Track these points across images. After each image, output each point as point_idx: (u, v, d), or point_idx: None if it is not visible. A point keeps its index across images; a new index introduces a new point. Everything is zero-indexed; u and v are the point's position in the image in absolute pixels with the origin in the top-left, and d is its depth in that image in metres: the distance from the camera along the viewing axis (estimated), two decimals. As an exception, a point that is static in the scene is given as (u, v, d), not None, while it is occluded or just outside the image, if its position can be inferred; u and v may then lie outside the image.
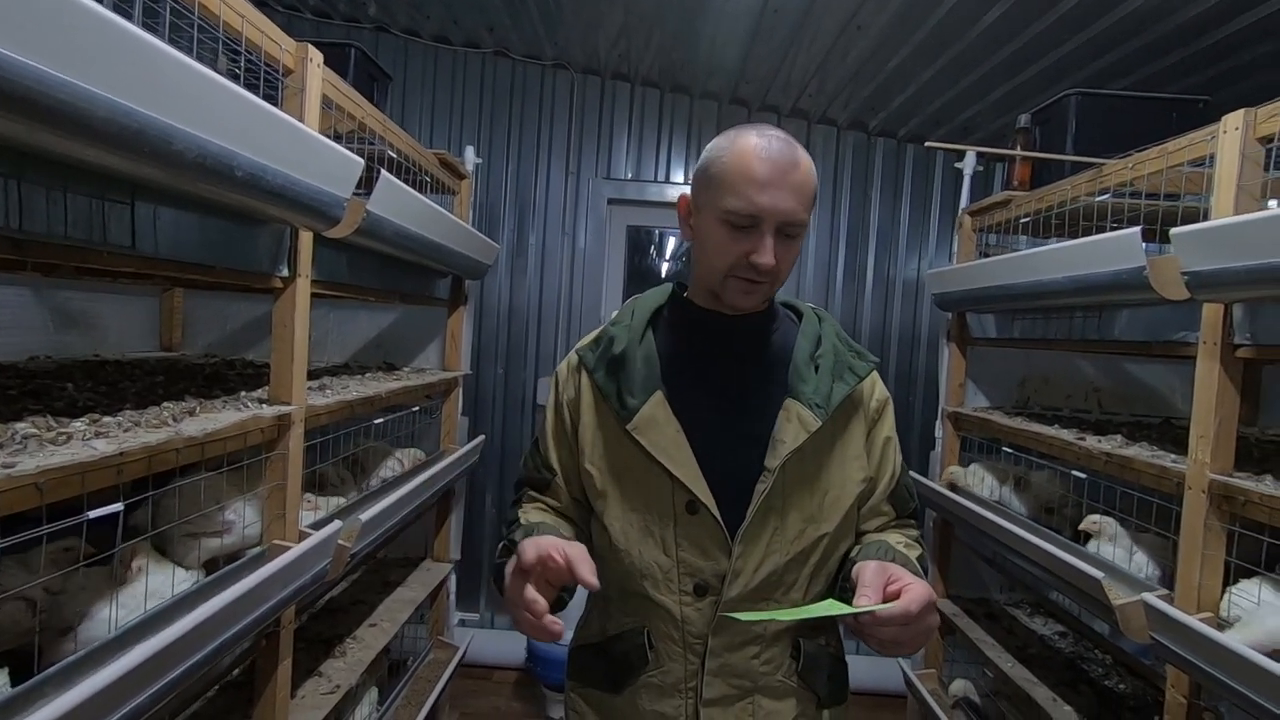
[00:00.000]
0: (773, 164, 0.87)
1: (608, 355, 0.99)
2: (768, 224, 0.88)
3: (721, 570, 0.92)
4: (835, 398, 0.96)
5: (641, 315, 1.02)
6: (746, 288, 0.93)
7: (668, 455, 0.92)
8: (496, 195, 3.29)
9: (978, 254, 2.37)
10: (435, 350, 2.57)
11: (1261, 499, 1.22)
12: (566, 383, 1.06)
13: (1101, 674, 1.99)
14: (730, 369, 1.00)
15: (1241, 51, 2.11)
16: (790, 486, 0.94)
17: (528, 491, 1.09)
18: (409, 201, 1.64)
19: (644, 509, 0.95)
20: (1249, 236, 1.17)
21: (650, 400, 0.94)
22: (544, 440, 1.08)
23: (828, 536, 0.96)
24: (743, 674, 0.94)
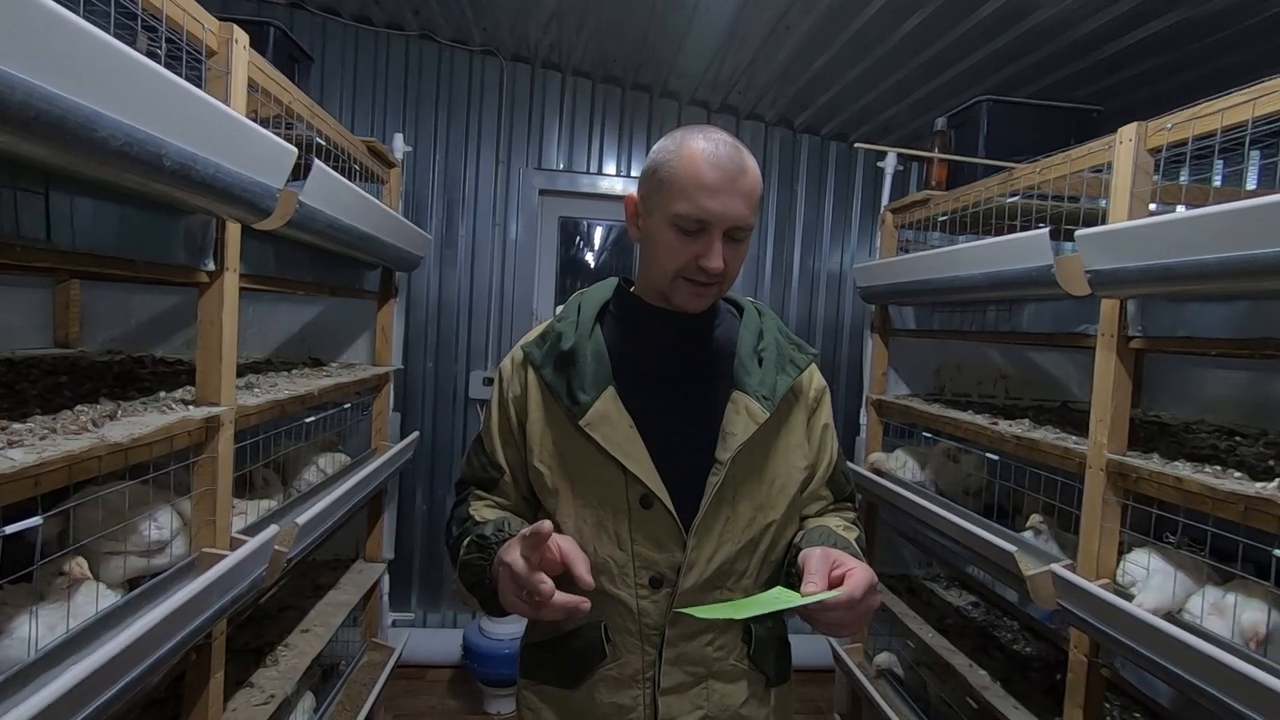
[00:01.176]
0: (721, 170, 0.89)
1: (555, 351, 0.99)
2: (717, 228, 0.90)
3: (676, 562, 0.94)
4: (780, 389, 0.99)
5: (589, 311, 1.02)
6: (696, 290, 0.94)
7: (622, 450, 0.93)
8: (424, 184, 3.19)
9: (899, 250, 2.50)
10: (364, 344, 2.49)
11: (1151, 474, 1.35)
12: (512, 379, 1.05)
13: (1010, 639, 2.16)
14: (678, 363, 1.01)
15: (1131, 65, 2.30)
16: (740, 477, 0.96)
17: (474, 491, 1.07)
18: (342, 192, 1.58)
19: (597, 504, 0.96)
20: (1142, 240, 1.29)
21: (602, 396, 0.95)
22: (489, 438, 1.06)
23: (775, 524, 0.99)
24: (698, 661, 0.97)
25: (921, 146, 2.51)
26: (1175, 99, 1.42)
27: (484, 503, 1.06)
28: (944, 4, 2.17)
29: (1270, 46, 2.04)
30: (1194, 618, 1.30)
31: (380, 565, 2.49)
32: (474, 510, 1.04)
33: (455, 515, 1.06)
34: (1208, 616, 1.28)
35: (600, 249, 3.58)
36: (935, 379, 2.62)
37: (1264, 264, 1.05)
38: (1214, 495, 1.21)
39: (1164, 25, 2.06)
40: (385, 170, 2.34)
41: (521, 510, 1.07)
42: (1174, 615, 1.31)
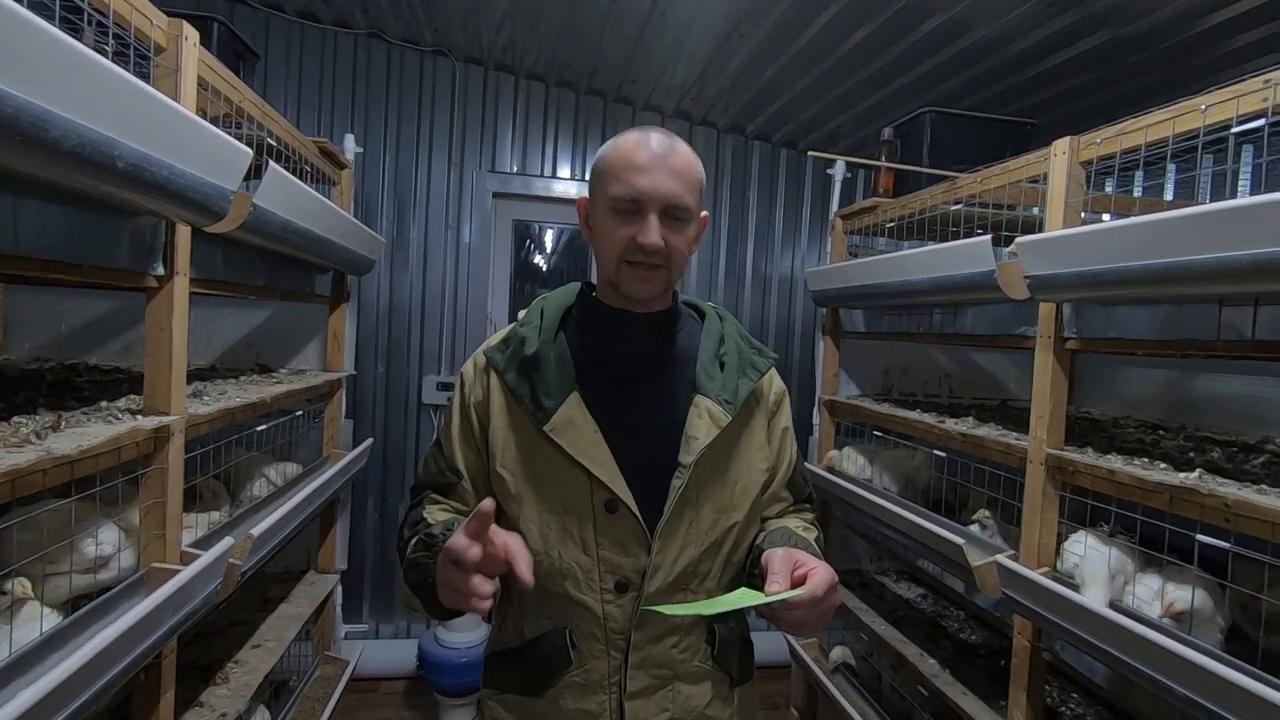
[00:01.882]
0: (649, 150, 0.92)
1: (519, 356, 0.99)
2: (651, 206, 0.91)
3: (642, 566, 0.94)
4: (741, 393, 1.00)
5: (552, 315, 1.02)
6: (642, 274, 0.94)
7: (587, 455, 0.93)
8: (374, 186, 3.13)
9: (848, 255, 2.58)
10: (314, 350, 2.42)
11: (1086, 467, 1.44)
12: (474, 384, 1.04)
13: (958, 628, 2.25)
14: (641, 367, 1.02)
15: (1062, 81, 2.44)
16: (703, 480, 0.97)
17: (429, 495, 1.06)
18: (297, 194, 1.54)
19: (562, 510, 0.95)
20: (1076, 247, 1.37)
21: (567, 401, 0.95)
22: (448, 442, 1.05)
23: (738, 525, 1.00)
24: (663, 664, 0.97)
25: (868, 155, 2.60)
26: (1102, 114, 1.52)
27: (439, 506, 1.04)
28: (888, 19, 2.26)
29: (1187, 66, 2.20)
30: (1130, 601, 1.39)
31: (333, 576, 2.42)
32: (427, 513, 1.02)
33: (408, 519, 1.05)
34: (1138, 599, 1.37)
35: (554, 252, 3.57)
36: (884, 379, 2.72)
37: (1183, 271, 1.14)
38: (1143, 485, 1.30)
39: (1091, 44, 2.19)
40: (336, 171, 2.29)
41: None
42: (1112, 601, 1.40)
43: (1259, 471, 1.34)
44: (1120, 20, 2.05)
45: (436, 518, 1.00)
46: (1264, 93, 1.12)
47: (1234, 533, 1.15)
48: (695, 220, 0.97)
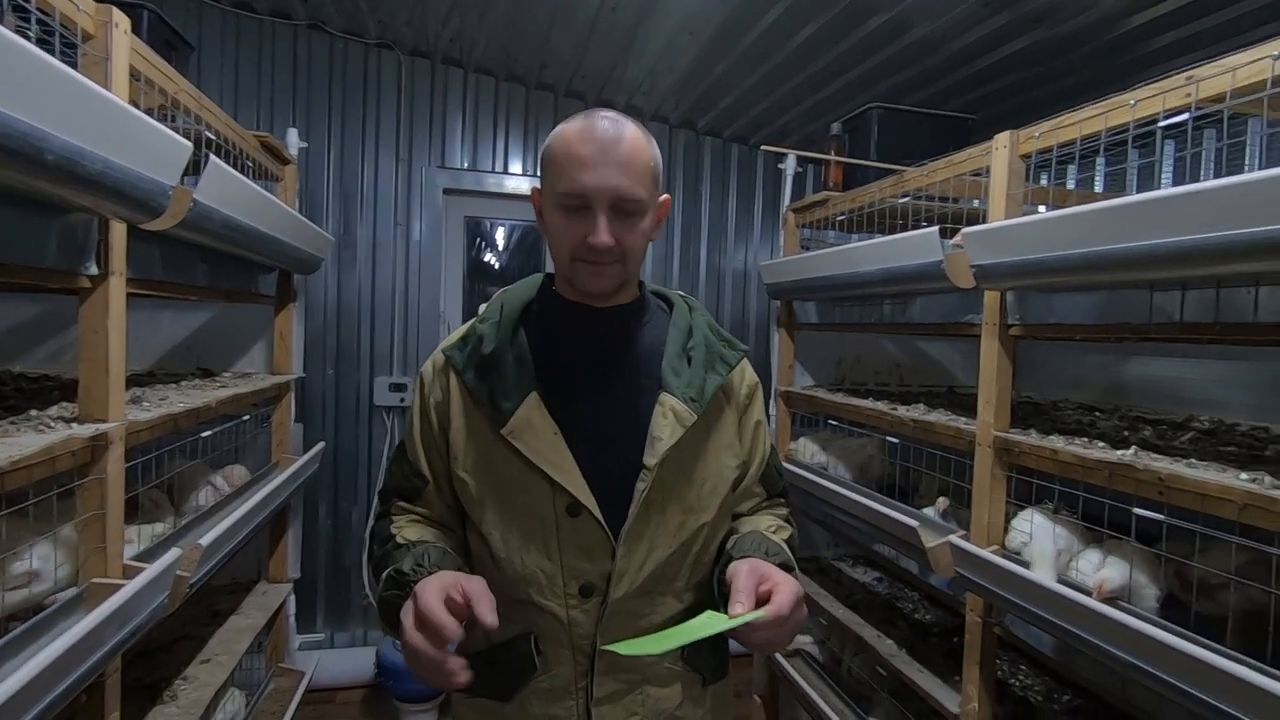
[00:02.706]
0: (595, 142, 0.86)
1: (477, 355, 0.95)
2: (599, 203, 0.87)
3: (606, 571, 0.91)
4: (709, 390, 0.96)
5: (511, 311, 0.98)
6: (594, 270, 0.91)
7: (546, 460, 0.90)
8: (319, 182, 3.03)
9: (800, 248, 2.63)
10: (260, 352, 2.34)
11: (1031, 448, 1.50)
12: (433, 384, 1.00)
13: (912, 609, 2.32)
14: (603, 364, 0.98)
15: (999, 78, 2.54)
16: (669, 481, 0.93)
17: (396, 503, 1.03)
18: (240, 189, 1.48)
19: (524, 515, 0.92)
20: (1018, 237, 1.43)
21: (525, 403, 0.91)
22: (412, 446, 1.02)
23: (707, 526, 0.97)
24: (631, 668, 0.94)
25: (818, 150, 2.65)
26: (1037, 110, 1.59)
27: (407, 517, 1.01)
28: (832, 18, 2.31)
29: (1114, 65, 2.31)
30: (1074, 576, 1.45)
31: (285, 586, 2.35)
32: (396, 528, 0.98)
33: (377, 531, 1.02)
34: (1080, 573, 1.44)
35: (508, 249, 3.53)
36: (837, 370, 2.78)
37: (1116, 257, 1.19)
38: (1084, 463, 1.36)
39: (1025, 43, 2.28)
40: (280, 167, 2.21)
41: (447, 520, 1.03)
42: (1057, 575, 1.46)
43: (1187, 447, 1.43)
44: (1052, 20, 2.14)
45: (406, 534, 0.96)
46: (1187, 89, 1.19)
47: (1167, 505, 1.22)
48: (650, 210, 0.92)
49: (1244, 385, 1.83)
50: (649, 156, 0.91)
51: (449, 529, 1.02)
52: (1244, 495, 1.08)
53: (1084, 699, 1.80)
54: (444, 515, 1.02)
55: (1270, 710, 0.95)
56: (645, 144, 0.91)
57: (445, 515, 1.02)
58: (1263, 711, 0.97)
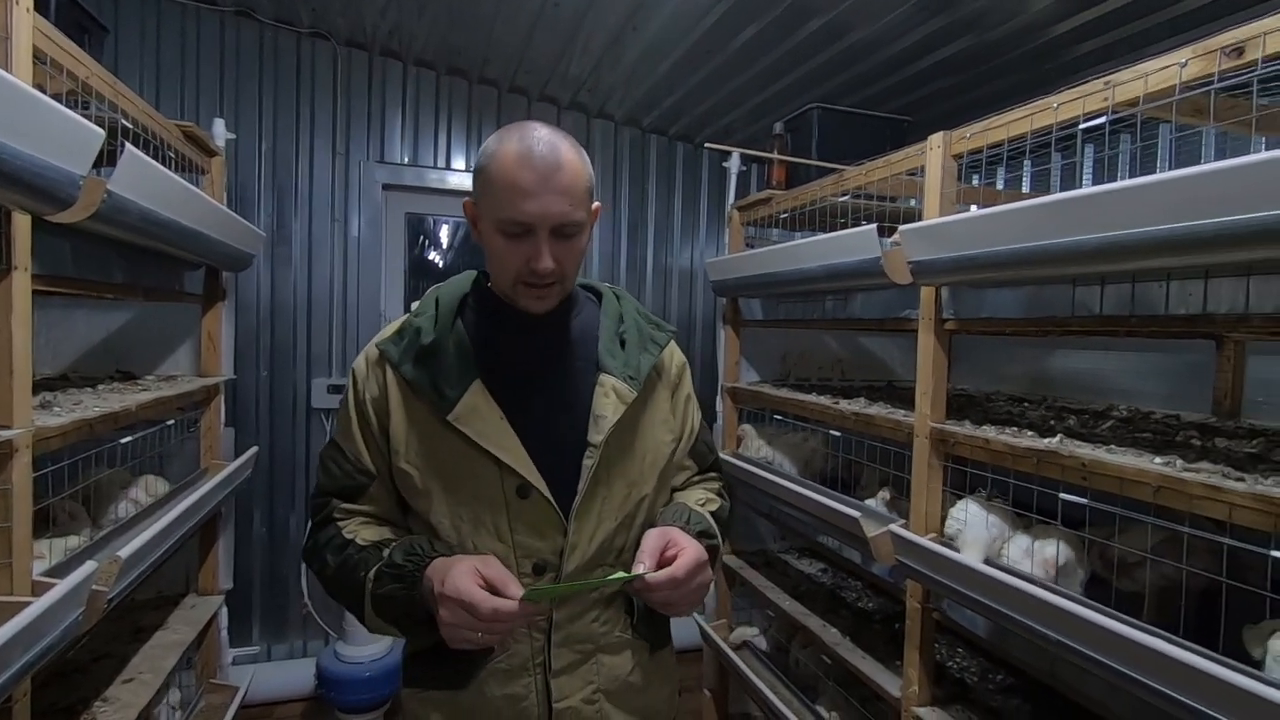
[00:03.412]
0: (534, 171, 0.88)
1: (415, 347, 0.97)
2: (541, 230, 0.90)
3: (558, 547, 0.96)
4: (644, 368, 1.03)
5: (448, 304, 1.02)
6: (536, 294, 0.95)
7: (494, 442, 0.93)
8: (250, 175, 2.91)
9: (745, 245, 2.66)
10: (186, 353, 2.22)
11: (965, 438, 1.55)
12: (367, 379, 1.01)
13: (856, 598, 2.38)
14: (542, 351, 1.03)
15: (934, 81, 2.62)
16: (613, 457, 0.99)
17: (337, 504, 1.01)
18: (160, 180, 1.40)
19: (472, 499, 0.95)
20: (952, 234, 1.48)
21: (470, 389, 0.95)
22: (350, 443, 1.02)
23: (647, 498, 1.04)
24: (586, 638, 0.99)
25: (761, 149, 2.68)
26: (968, 113, 1.64)
27: (356, 519, 1.01)
28: (774, 19, 2.34)
29: (1039, 71, 2.42)
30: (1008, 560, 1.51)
31: (217, 598, 2.24)
32: (348, 531, 0.98)
33: (323, 538, 0.99)
34: (1011, 559, 1.50)
35: (451, 247, 3.46)
36: (781, 365, 2.82)
37: (1042, 253, 1.25)
38: (1014, 451, 1.42)
39: (958, 48, 2.36)
40: (205, 159, 2.10)
41: (394, 516, 1.04)
42: (990, 559, 1.52)
43: (1107, 434, 1.50)
44: (982, 27, 2.23)
45: (367, 537, 0.97)
46: (1104, 93, 1.25)
47: (1090, 489, 1.28)
48: (586, 227, 0.95)
49: (1157, 375, 1.95)
50: (585, 176, 0.94)
51: (397, 526, 1.04)
52: (1158, 478, 1.14)
53: (1016, 678, 1.88)
54: (390, 511, 1.03)
55: (1182, 678, 1.01)
56: (580, 164, 0.93)
57: (392, 511, 1.03)
58: (1175, 680, 1.02)
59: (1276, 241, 0.89)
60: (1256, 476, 1.08)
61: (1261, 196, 0.89)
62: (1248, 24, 1.03)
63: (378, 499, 1.02)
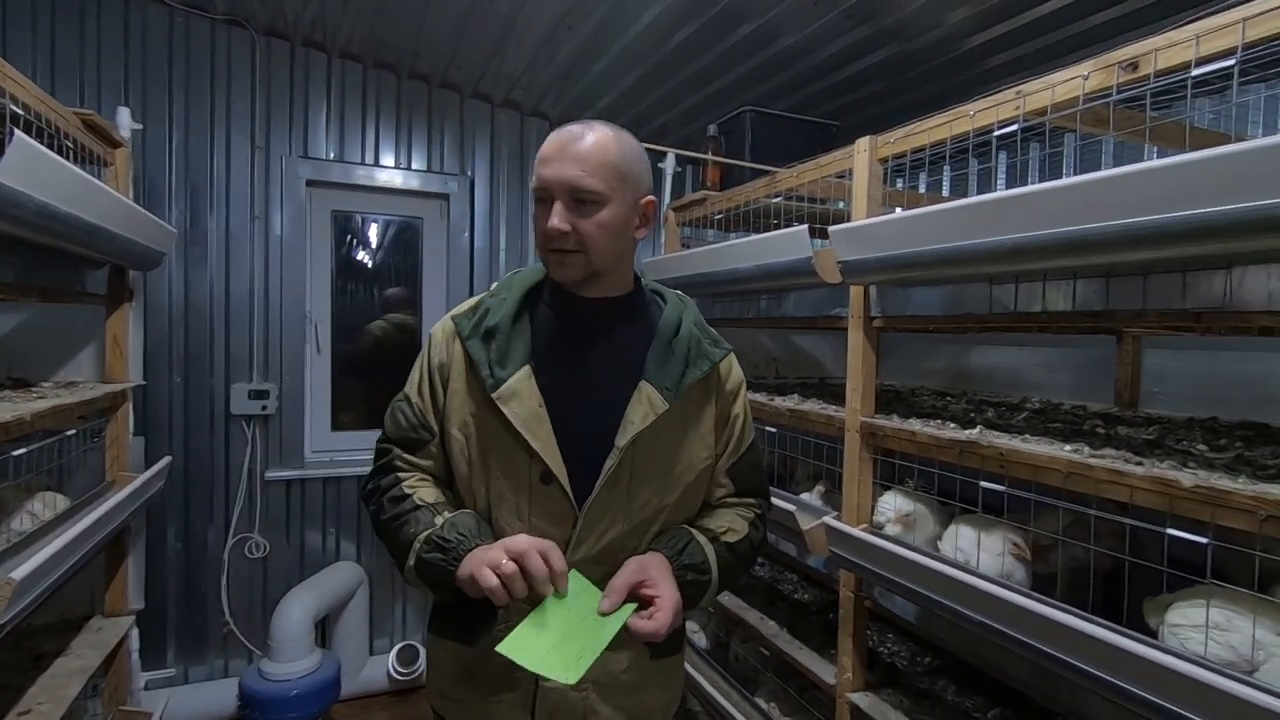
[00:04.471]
0: (557, 141, 0.96)
1: (482, 325, 1.03)
2: (556, 193, 0.95)
3: (567, 537, 1.00)
4: (686, 381, 1.04)
5: (519, 290, 1.07)
6: (557, 259, 0.99)
7: (527, 428, 0.98)
8: (159, 169, 2.74)
9: (681, 246, 2.68)
10: (89, 358, 2.07)
11: (894, 431, 1.61)
12: (441, 348, 1.08)
13: (792, 590, 2.44)
14: (595, 350, 1.06)
15: (860, 88, 2.71)
16: (639, 462, 1.02)
17: (398, 454, 1.08)
18: (56, 171, 1.30)
19: (502, 476, 1.01)
20: (880, 234, 1.53)
21: (518, 373, 1.00)
22: (420, 398, 1.08)
23: (669, 508, 1.06)
24: None
25: (695, 150, 2.71)
26: (892, 119, 1.70)
27: (416, 475, 1.07)
28: (706, 22, 2.37)
29: (957, 80, 2.54)
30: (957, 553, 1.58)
31: (126, 619, 2.09)
32: (410, 487, 1.04)
33: (385, 484, 1.06)
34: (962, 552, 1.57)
35: (381, 246, 3.35)
36: (718, 364, 2.86)
37: (963, 253, 1.31)
38: (938, 443, 1.48)
39: (882, 56, 2.46)
40: (109, 150, 1.97)
41: (445, 475, 1.10)
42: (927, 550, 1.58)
43: (1022, 425, 1.59)
44: (903, 37, 2.32)
45: (423, 497, 1.03)
46: (1016, 102, 1.32)
47: (1007, 477, 1.35)
48: (614, 203, 0.97)
49: (1065, 369, 2.07)
50: (613, 154, 0.97)
51: (444, 485, 1.10)
52: (1067, 464, 1.22)
53: (942, 659, 1.97)
54: (442, 471, 1.09)
55: (1091, 651, 1.08)
56: (613, 143, 0.98)
57: (443, 471, 1.09)
58: (1084, 653, 1.09)
59: (1170, 242, 0.96)
60: (1154, 461, 1.16)
61: (1162, 200, 0.96)
62: (1142, 40, 1.11)
63: (434, 455, 1.08)
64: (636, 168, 1.01)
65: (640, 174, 1.02)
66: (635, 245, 1.07)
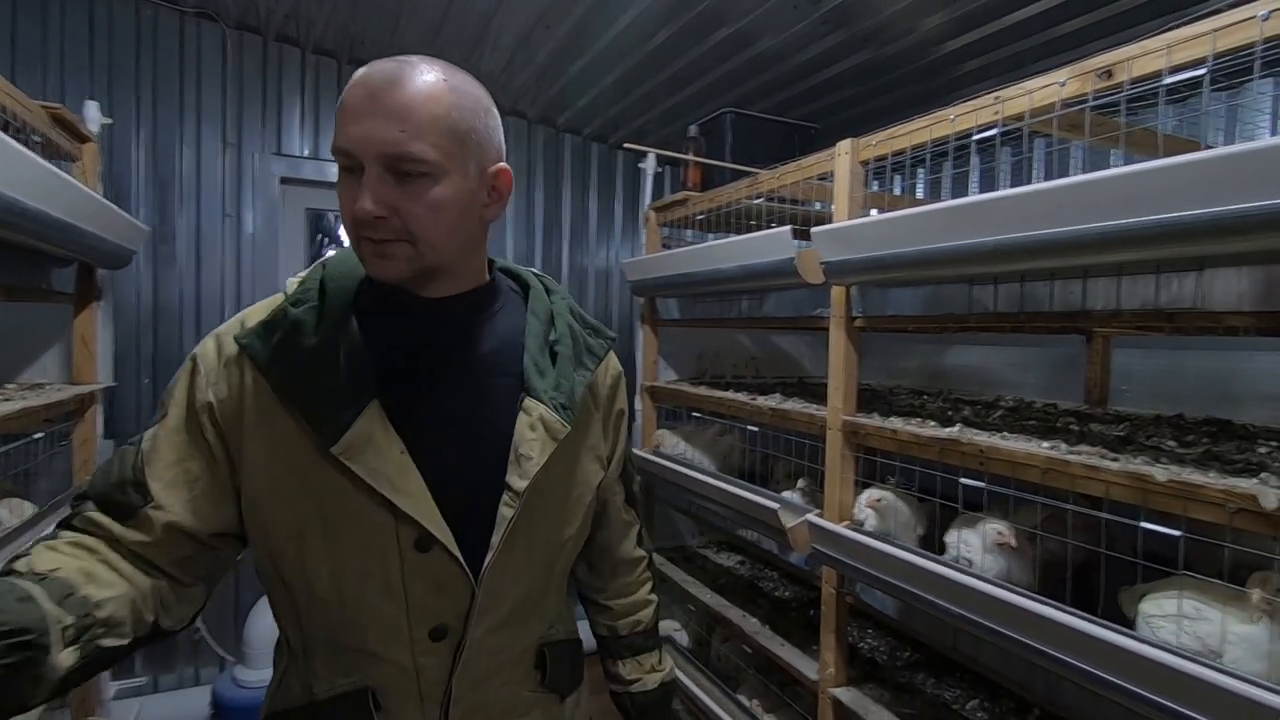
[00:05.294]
0: (365, 88, 0.69)
1: (294, 347, 0.74)
2: (366, 160, 0.69)
3: (463, 609, 0.78)
4: (579, 390, 0.85)
5: (339, 293, 0.78)
6: (374, 250, 0.72)
7: (391, 485, 0.73)
8: (125, 165, 2.66)
9: (661, 246, 2.69)
10: (55, 359, 2.00)
11: (875, 429, 1.64)
12: (216, 379, 0.76)
13: (773, 588, 2.46)
14: (451, 362, 0.81)
15: (838, 91, 2.75)
16: (534, 500, 0.80)
17: (90, 515, 0.72)
18: (24, 165, 1.26)
19: (357, 550, 0.75)
20: (861, 235, 1.56)
21: (364, 414, 0.73)
22: (151, 450, 0.75)
23: (570, 540, 0.89)
24: (489, 705, 0.83)
25: (674, 150, 2.73)
26: (868, 122, 1.74)
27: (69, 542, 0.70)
28: (685, 24, 2.38)
29: (931, 85, 2.59)
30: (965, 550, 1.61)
31: (95, 627, 2.03)
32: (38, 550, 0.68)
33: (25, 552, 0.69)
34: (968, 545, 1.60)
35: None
36: (698, 364, 2.88)
37: (944, 254, 1.34)
38: (919, 441, 1.51)
39: (857, 61, 2.49)
40: (76, 145, 1.91)
41: (162, 555, 0.74)
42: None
43: (999, 423, 1.63)
44: (878, 41, 2.36)
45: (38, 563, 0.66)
46: (995, 108, 1.36)
47: (986, 473, 1.38)
48: (452, 175, 0.72)
49: (1035, 368, 2.13)
50: (444, 107, 0.71)
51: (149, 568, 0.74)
52: (1045, 460, 1.25)
53: (921, 653, 2.00)
54: (160, 545, 0.73)
55: (1067, 640, 1.11)
56: (446, 92, 0.71)
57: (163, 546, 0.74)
58: (1059, 641, 1.13)
59: (1146, 243, 1.00)
60: (1127, 457, 1.20)
61: (1133, 204, 1.00)
62: (1116, 49, 1.14)
63: (145, 527, 0.72)
64: (481, 124, 0.75)
65: (487, 133, 0.76)
66: (486, 228, 0.82)
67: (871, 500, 1.64)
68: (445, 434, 0.79)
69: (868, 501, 1.64)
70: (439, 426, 0.79)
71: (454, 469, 0.78)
